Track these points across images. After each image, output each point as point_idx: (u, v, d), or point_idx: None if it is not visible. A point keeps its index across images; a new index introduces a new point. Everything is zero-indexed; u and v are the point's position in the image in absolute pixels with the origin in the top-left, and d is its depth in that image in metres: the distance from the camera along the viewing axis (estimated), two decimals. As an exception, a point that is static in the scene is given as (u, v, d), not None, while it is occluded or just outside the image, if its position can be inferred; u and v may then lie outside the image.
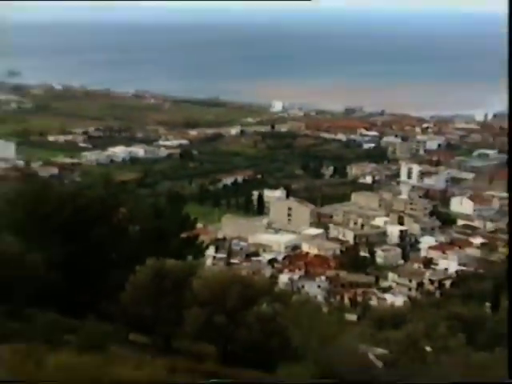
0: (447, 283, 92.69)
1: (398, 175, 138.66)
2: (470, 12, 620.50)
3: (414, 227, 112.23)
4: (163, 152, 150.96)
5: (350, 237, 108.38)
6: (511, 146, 13.94)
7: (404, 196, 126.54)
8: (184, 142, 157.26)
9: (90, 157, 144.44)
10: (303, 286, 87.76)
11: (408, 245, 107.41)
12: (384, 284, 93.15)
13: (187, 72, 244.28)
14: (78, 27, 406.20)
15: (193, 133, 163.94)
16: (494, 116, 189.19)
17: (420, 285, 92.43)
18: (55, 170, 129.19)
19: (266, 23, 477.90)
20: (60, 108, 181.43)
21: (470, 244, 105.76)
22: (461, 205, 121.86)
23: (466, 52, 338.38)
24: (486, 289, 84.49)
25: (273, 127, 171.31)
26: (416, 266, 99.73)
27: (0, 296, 22.90)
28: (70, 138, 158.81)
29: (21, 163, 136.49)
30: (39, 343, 17.19)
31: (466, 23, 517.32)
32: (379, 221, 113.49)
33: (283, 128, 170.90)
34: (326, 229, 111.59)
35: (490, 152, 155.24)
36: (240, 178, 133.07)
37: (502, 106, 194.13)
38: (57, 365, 13.75)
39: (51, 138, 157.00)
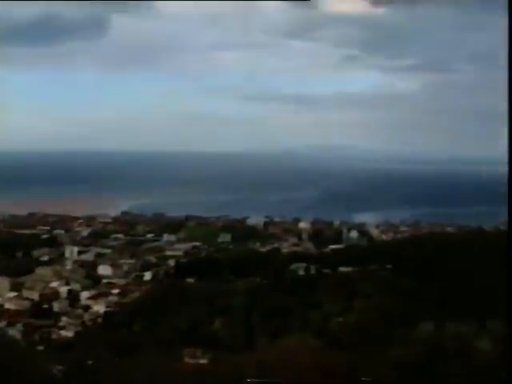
0: (99, 319, 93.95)
1: (64, 254, 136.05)
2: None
3: (76, 286, 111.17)
4: None
5: (36, 296, 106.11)
6: (511, 147, 11.90)
7: (69, 267, 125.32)
8: None
9: None
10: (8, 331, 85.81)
11: (72, 298, 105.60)
12: (60, 324, 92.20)
13: None
14: None
15: None
16: (121, 213, 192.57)
17: (83, 322, 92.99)
18: None
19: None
20: None
21: (111, 294, 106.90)
22: (105, 270, 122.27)
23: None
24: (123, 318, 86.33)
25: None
26: (79, 310, 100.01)
27: None
28: None
29: None
30: None
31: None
32: (54, 284, 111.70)
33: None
34: (20, 292, 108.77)
35: (120, 236, 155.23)
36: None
37: (126, 207, 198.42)
38: None
39: None
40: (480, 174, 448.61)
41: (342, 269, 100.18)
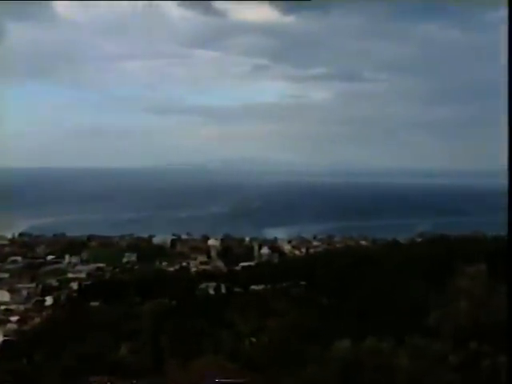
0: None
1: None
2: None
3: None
4: None
5: None
6: (511, 147, 12.57)
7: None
8: None
9: None
10: None
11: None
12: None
13: None
14: None
15: None
16: (19, 234, 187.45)
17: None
18: None
19: None
20: None
21: (10, 321, 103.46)
22: (2, 295, 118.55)
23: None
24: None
25: None
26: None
27: None
28: None
29: None
30: None
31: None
32: None
33: None
34: None
35: (18, 258, 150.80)
36: None
37: (24, 227, 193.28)
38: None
39: None
40: (393, 187, 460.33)
41: (254, 287, 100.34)
